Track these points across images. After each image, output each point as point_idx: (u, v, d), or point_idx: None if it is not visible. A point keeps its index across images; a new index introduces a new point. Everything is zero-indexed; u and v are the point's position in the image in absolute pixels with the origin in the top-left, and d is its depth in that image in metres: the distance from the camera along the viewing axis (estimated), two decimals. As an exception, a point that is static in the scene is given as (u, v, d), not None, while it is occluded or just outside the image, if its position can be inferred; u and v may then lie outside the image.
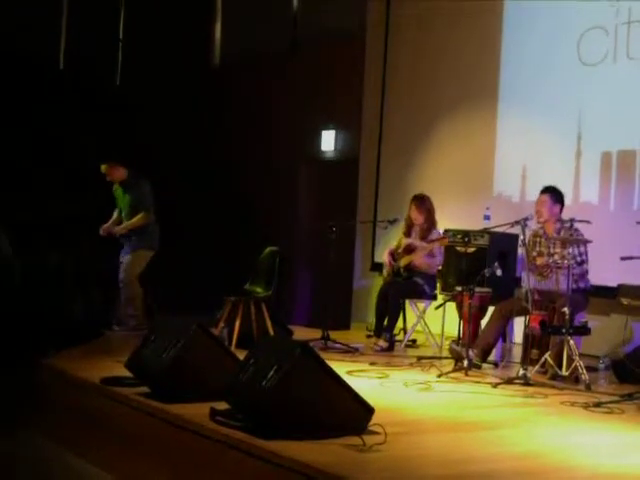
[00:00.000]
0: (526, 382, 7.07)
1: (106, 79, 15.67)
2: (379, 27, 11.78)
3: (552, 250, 8.01)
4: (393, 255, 9.41)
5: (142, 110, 14.94)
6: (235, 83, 14.10)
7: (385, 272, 9.55)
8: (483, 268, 8.16)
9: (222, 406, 5.45)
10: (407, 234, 9.43)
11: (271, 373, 5.11)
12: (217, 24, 15.01)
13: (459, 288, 8.27)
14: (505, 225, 7.84)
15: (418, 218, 9.30)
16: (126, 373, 6.52)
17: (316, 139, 12.72)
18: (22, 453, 6.93)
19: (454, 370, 7.53)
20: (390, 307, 9.05)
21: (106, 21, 15.81)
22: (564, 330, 7.27)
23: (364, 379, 7.14)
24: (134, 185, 10.03)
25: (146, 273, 10.12)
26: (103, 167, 10.11)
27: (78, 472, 6.45)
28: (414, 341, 9.46)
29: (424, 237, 9.26)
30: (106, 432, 6.48)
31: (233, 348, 7.89)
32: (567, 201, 8.37)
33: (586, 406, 6.41)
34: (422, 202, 9.34)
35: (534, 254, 8.05)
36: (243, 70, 14.08)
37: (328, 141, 12.61)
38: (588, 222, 7.82)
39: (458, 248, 9.02)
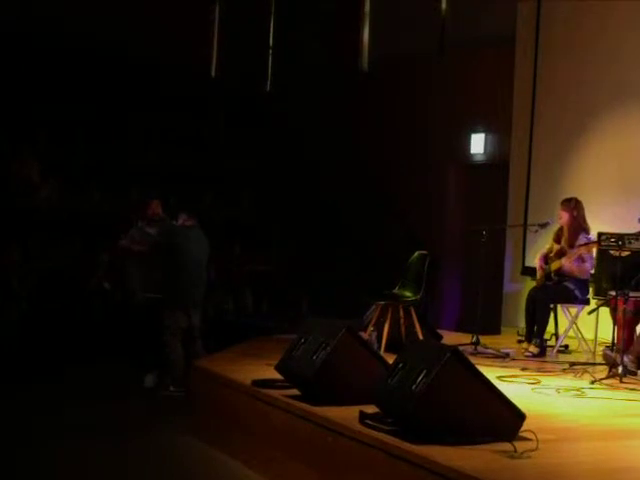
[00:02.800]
0: (684, 390, 6.86)
1: (257, 86, 15.95)
2: (529, 28, 11.60)
3: None
4: (545, 259, 9.25)
5: (292, 116, 15.18)
6: (383, 87, 14.13)
7: (537, 276, 9.41)
8: (638, 272, 7.94)
9: (371, 409, 5.47)
10: (557, 240, 9.24)
11: (420, 377, 5.10)
12: (365, 28, 15.06)
13: (613, 293, 8.07)
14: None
15: (563, 217, 9.09)
16: (277, 376, 6.61)
17: (465, 142, 12.65)
18: (173, 453, 7.13)
19: (608, 376, 7.35)
20: (538, 312, 8.90)
21: (256, 29, 16.10)
22: None
23: (515, 385, 7.06)
24: None
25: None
26: None
27: (230, 472, 6.58)
28: (566, 347, 9.28)
29: (571, 241, 9.07)
30: (256, 434, 6.58)
31: (382, 352, 7.88)
32: None
33: None
34: (567, 204, 9.14)
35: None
36: (391, 74, 14.09)
37: (478, 144, 12.53)
38: None
39: (612, 252, 8.78)
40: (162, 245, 9.49)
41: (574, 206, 9.11)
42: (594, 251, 9.00)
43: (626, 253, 8.50)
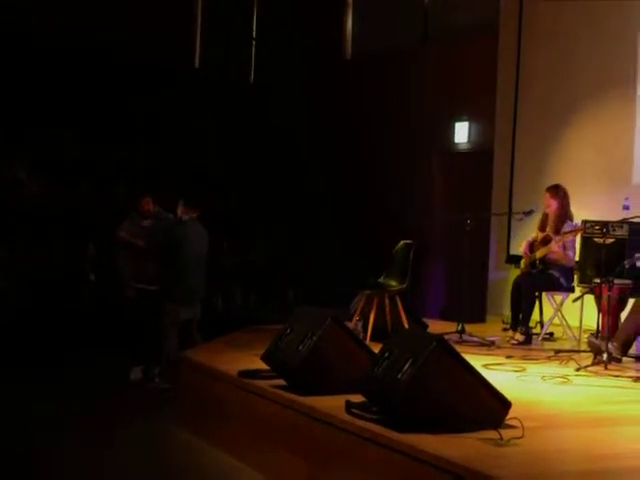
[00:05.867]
0: (669, 376, 6.89)
1: (240, 76, 15.96)
2: (512, 17, 11.60)
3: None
4: (531, 247, 9.26)
5: (276, 107, 15.17)
6: (367, 76, 14.14)
7: (522, 263, 9.42)
8: (622, 259, 7.97)
9: (357, 399, 5.48)
10: (542, 228, 9.25)
11: (406, 366, 5.11)
12: (348, 17, 15.07)
13: (598, 280, 8.09)
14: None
15: (551, 205, 9.09)
16: (263, 366, 6.61)
17: (449, 131, 12.66)
18: (159, 444, 7.14)
19: (593, 364, 7.37)
20: (524, 300, 8.91)
21: (239, 20, 16.10)
22: None
23: (501, 373, 7.07)
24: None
25: None
26: None
27: (217, 463, 6.58)
28: (551, 334, 9.31)
29: (557, 229, 9.08)
30: (243, 423, 6.59)
31: (368, 341, 7.90)
32: None
33: None
34: (556, 190, 9.15)
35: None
36: (374, 63, 14.10)
37: (462, 133, 12.54)
38: None
39: (596, 239, 8.82)
40: (163, 241, 9.52)
41: (562, 194, 9.12)
42: (578, 238, 9.03)
43: (610, 240, 8.53)
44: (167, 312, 9.26)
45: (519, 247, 9.66)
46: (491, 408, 5.18)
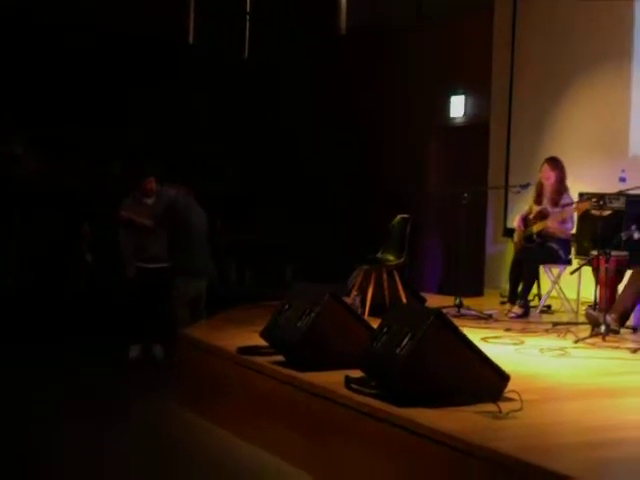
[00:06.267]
0: (666, 347, 6.90)
1: (234, 52, 15.90)
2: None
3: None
4: (525, 221, 9.25)
5: (271, 83, 15.13)
6: (362, 51, 14.09)
7: (515, 237, 9.41)
8: (619, 231, 7.96)
9: (356, 374, 5.50)
10: (537, 201, 9.23)
11: (405, 341, 5.12)
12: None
13: (595, 252, 8.10)
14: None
15: (550, 177, 9.07)
16: (262, 342, 6.62)
17: (445, 105, 12.62)
18: (159, 422, 7.15)
19: (591, 336, 7.38)
20: (525, 273, 8.91)
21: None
22: None
23: (499, 346, 7.08)
24: None
25: None
26: None
27: (216, 440, 6.60)
28: (549, 307, 9.32)
29: (555, 202, 9.07)
30: (242, 400, 6.61)
31: (366, 316, 7.90)
32: None
33: None
34: (555, 162, 9.13)
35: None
36: (369, 38, 14.05)
37: (457, 107, 12.50)
38: None
39: (593, 212, 8.80)
40: (171, 217, 9.57)
41: (561, 166, 9.11)
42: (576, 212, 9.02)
43: (607, 212, 8.53)
44: (177, 287, 9.34)
45: (514, 221, 9.66)
46: (489, 381, 5.20)
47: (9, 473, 5.91)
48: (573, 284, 8.83)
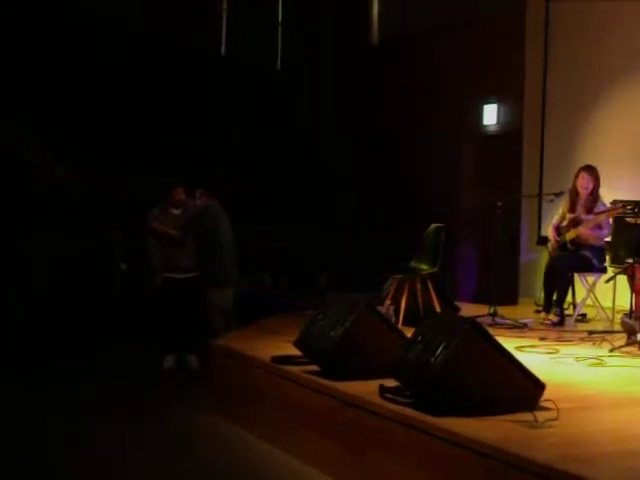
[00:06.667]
0: None
1: (267, 63, 15.95)
2: (540, -1, 11.54)
3: None
4: (558, 230, 9.20)
5: (302, 92, 15.17)
6: (394, 60, 14.10)
7: (550, 247, 9.37)
8: (655, 239, 7.91)
9: (390, 383, 5.49)
10: (571, 209, 9.17)
11: (439, 350, 5.11)
12: (374, 3, 15.03)
13: (630, 260, 8.04)
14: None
15: (589, 186, 9.00)
16: (296, 352, 6.63)
17: (478, 113, 12.61)
18: (193, 431, 7.17)
19: (627, 344, 7.33)
20: (558, 281, 8.87)
21: (265, 5, 16.08)
22: None
23: (534, 355, 7.05)
24: None
25: None
26: None
27: (251, 449, 6.61)
28: (584, 315, 9.27)
29: (589, 210, 9.01)
30: (276, 409, 6.61)
31: (400, 326, 7.89)
32: None
33: None
34: (593, 171, 9.06)
35: None
36: (402, 47, 14.06)
37: (490, 115, 12.49)
38: None
39: (628, 219, 8.74)
40: (197, 227, 9.63)
41: (597, 174, 9.06)
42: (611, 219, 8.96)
43: (643, 220, 8.46)
44: (209, 296, 9.40)
45: (547, 230, 9.62)
46: (525, 390, 5.17)
47: (38, 474, 5.97)
48: (608, 292, 8.78)
